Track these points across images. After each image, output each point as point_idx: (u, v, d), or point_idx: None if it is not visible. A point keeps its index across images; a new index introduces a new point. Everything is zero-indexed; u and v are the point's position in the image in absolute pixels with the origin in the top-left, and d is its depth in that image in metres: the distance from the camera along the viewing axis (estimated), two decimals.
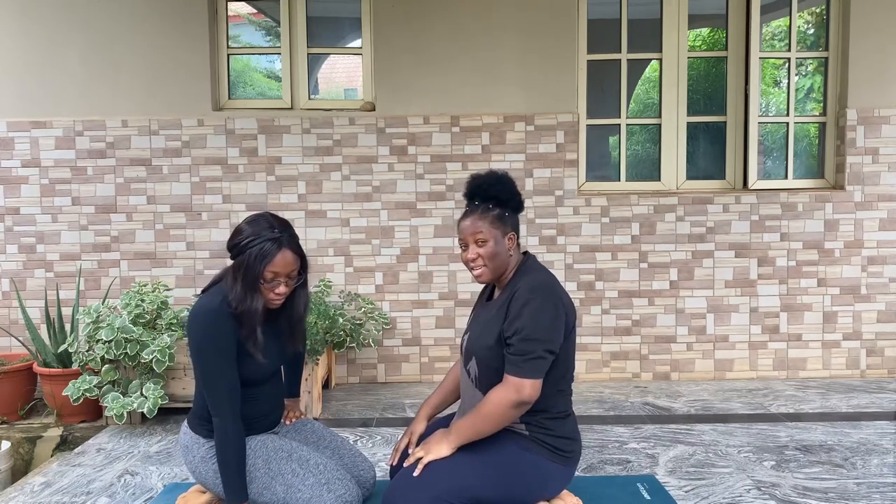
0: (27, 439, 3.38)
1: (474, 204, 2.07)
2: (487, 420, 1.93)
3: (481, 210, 2.03)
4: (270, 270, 1.94)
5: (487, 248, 2.01)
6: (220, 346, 1.93)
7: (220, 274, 2.07)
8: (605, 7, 4.24)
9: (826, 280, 4.13)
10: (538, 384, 1.91)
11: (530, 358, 1.89)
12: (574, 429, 2.09)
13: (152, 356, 3.13)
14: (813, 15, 4.53)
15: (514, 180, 2.11)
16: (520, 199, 2.10)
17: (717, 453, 2.93)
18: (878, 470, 2.73)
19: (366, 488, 2.19)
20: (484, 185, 2.05)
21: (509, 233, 2.05)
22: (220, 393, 1.93)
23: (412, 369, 4.15)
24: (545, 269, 2.12)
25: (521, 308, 1.93)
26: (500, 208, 2.04)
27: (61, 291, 3.92)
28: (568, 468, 2.06)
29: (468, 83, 4.08)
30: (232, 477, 1.92)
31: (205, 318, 1.94)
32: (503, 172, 2.10)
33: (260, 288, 1.95)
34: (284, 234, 1.98)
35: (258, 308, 1.94)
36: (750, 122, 4.15)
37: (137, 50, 4.04)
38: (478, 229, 2.01)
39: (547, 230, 4.12)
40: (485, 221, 2.01)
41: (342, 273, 4.11)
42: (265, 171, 4.10)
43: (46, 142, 4.07)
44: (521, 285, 1.98)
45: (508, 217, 2.05)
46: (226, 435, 1.92)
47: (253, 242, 1.94)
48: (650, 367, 4.16)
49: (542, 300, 1.94)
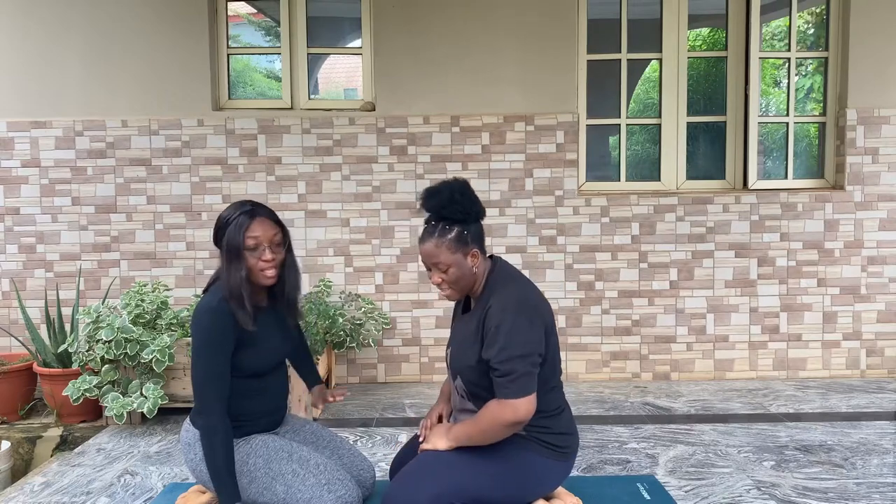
0: (27, 439, 3.38)
1: (431, 224, 1.98)
2: (484, 435, 1.94)
3: (438, 233, 1.95)
4: (250, 236, 1.99)
5: (450, 273, 1.97)
6: (218, 346, 1.96)
7: (218, 271, 2.10)
8: (605, 7, 4.24)
9: (826, 280, 4.13)
10: (532, 398, 1.89)
11: (516, 378, 1.87)
12: (569, 423, 2.09)
13: (152, 356, 3.13)
14: (813, 15, 4.53)
15: (470, 189, 1.99)
16: (478, 210, 1.99)
17: (717, 453, 2.93)
18: (878, 470, 2.73)
19: (365, 488, 2.20)
20: (437, 207, 1.96)
21: (471, 251, 1.97)
22: (212, 391, 1.94)
23: (412, 369, 4.15)
24: (514, 276, 2.05)
25: (495, 331, 1.90)
26: (458, 227, 1.95)
27: (61, 291, 3.92)
28: (566, 462, 2.06)
29: (468, 83, 4.08)
30: (223, 478, 1.92)
31: (204, 317, 1.98)
32: (459, 185, 1.97)
33: (245, 258, 1.99)
34: (256, 206, 2.06)
35: (242, 277, 1.98)
36: (750, 122, 4.15)
37: (137, 50, 4.04)
38: (437, 258, 1.95)
39: (547, 230, 4.12)
40: (442, 248, 1.94)
41: (342, 273, 4.12)
42: (265, 171, 4.10)
43: (46, 142, 4.07)
44: (493, 303, 1.94)
45: (468, 234, 1.96)
46: (215, 435, 1.92)
47: (230, 220, 2.02)
48: (650, 367, 4.16)
49: (513, 317, 1.90)
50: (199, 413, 1.98)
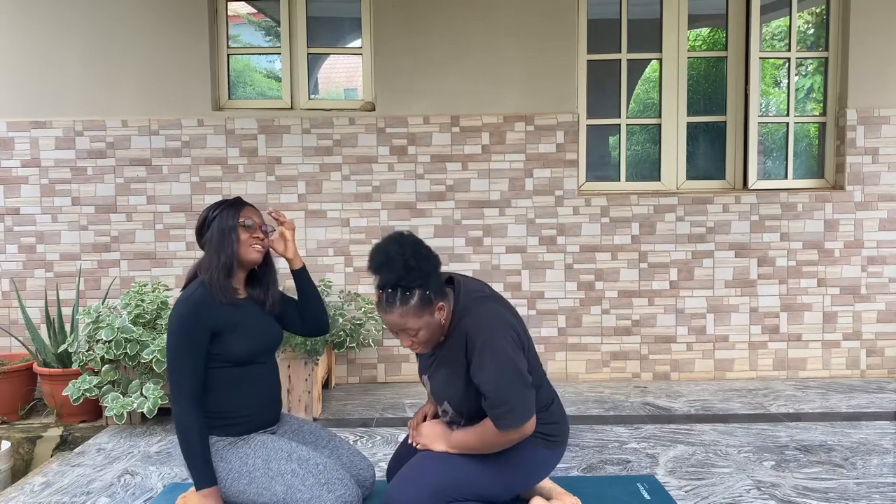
0: (27, 439, 3.38)
1: (388, 292, 1.86)
2: (485, 448, 1.96)
3: (399, 302, 1.84)
4: (245, 216, 2.11)
5: (420, 336, 1.91)
6: (193, 333, 2.00)
7: (193, 268, 2.16)
8: (605, 7, 4.24)
9: (826, 280, 4.13)
10: (532, 419, 1.90)
11: (514, 405, 1.86)
12: (560, 412, 2.11)
13: (152, 356, 3.13)
14: (813, 15, 4.53)
15: (422, 246, 1.88)
16: (434, 265, 1.88)
17: (717, 453, 2.93)
18: (878, 470, 2.73)
19: (365, 487, 2.20)
20: (394, 280, 1.84)
21: (437, 305, 1.89)
22: (184, 378, 1.98)
23: (412, 369, 4.15)
24: (477, 295, 1.98)
25: (479, 361, 1.86)
26: (418, 290, 1.85)
27: (61, 291, 3.92)
28: (558, 450, 2.10)
29: (468, 83, 4.08)
30: (198, 462, 1.96)
31: (181, 305, 2.03)
32: (410, 247, 1.85)
33: (236, 233, 2.07)
34: (240, 199, 2.18)
35: (234, 251, 2.06)
36: (750, 122, 4.15)
37: (137, 50, 4.04)
38: (405, 325, 1.88)
39: (547, 230, 4.12)
40: (409, 316, 1.86)
41: (342, 273, 4.11)
42: (265, 171, 4.10)
43: (46, 142, 4.07)
44: (470, 331, 1.89)
45: (430, 293, 1.86)
46: (187, 419, 1.96)
47: (215, 213, 2.11)
48: (650, 367, 4.16)
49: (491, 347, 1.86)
50: (172, 399, 2.01)
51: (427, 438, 2.07)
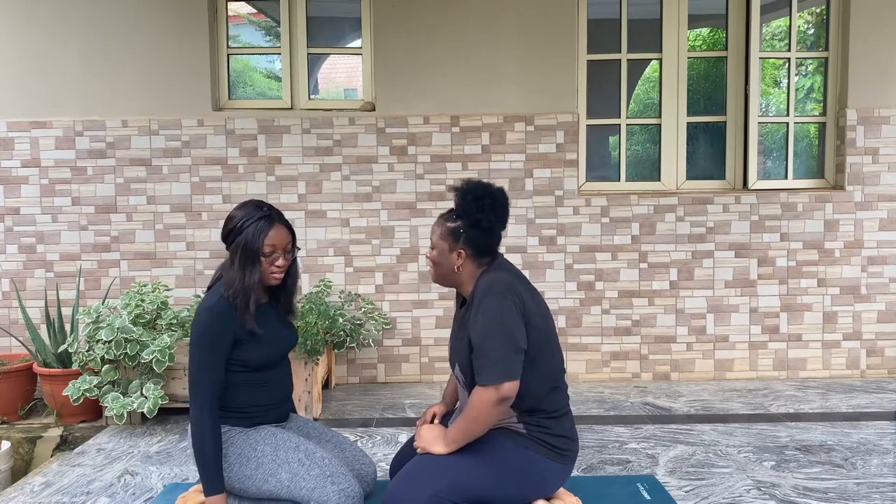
0: (27, 439, 3.38)
1: (451, 210, 2.11)
2: (476, 422, 1.95)
3: (445, 216, 2.10)
4: (268, 244, 2.06)
5: (433, 254, 2.11)
6: (215, 343, 2.02)
7: (219, 269, 2.16)
8: (605, 7, 4.24)
9: (826, 280, 4.13)
10: (514, 383, 1.90)
11: (495, 359, 1.89)
12: (571, 427, 2.09)
13: (152, 356, 3.13)
14: (813, 15, 4.53)
15: (488, 200, 2.02)
16: (479, 219, 2.02)
17: (717, 453, 2.93)
18: (878, 470, 2.73)
19: (367, 484, 2.22)
20: (461, 206, 2.05)
21: (457, 249, 2.05)
22: (205, 386, 2.00)
23: (412, 369, 4.15)
24: (504, 268, 2.08)
25: (475, 316, 1.96)
26: (460, 222, 2.05)
27: (61, 291, 3.92)
28: (566, 466, 2.06)
29: (468, 83, 4.08)
30: (210, 468, 1.98)
31: (202, 315, 2.04)
32: (483, 191, 2.04)
33: (259, 262, 2.06)
34: (273, 211, 2.12)
35: (255, 281, 2.05)
36: (750, 122, 4.15)
37: (137, 50, 4.04)
38: (433, 234, 2.12)
39: (547, 230, 4.12)
40: (438, 229, 2.09)
41: (342, 273, 4.11)
42: (265, 171, 4.10)
43: (46, 142, 4.07)
44: (477, 292, 2.01)
45: (463, 234, 2.03)
46: (204, 426, 1.98)
47: (247, 223, 2.07)
48: (650, 367, 4.16)
49: (488, 302, 1.94)
50: (192, 403, 2.03)
51: (426, 441, 2.07)
